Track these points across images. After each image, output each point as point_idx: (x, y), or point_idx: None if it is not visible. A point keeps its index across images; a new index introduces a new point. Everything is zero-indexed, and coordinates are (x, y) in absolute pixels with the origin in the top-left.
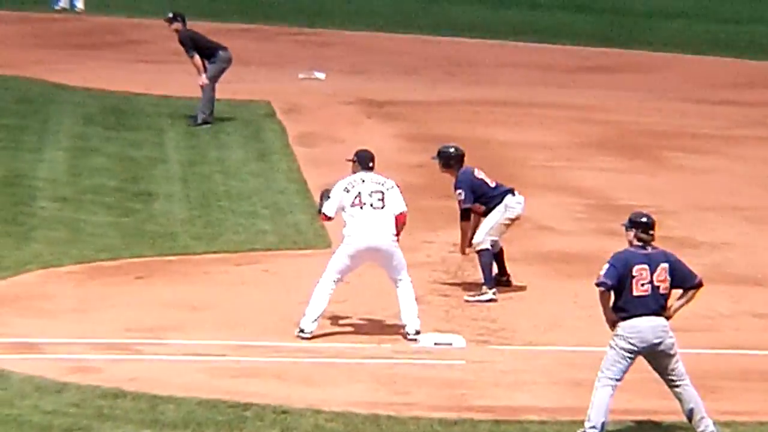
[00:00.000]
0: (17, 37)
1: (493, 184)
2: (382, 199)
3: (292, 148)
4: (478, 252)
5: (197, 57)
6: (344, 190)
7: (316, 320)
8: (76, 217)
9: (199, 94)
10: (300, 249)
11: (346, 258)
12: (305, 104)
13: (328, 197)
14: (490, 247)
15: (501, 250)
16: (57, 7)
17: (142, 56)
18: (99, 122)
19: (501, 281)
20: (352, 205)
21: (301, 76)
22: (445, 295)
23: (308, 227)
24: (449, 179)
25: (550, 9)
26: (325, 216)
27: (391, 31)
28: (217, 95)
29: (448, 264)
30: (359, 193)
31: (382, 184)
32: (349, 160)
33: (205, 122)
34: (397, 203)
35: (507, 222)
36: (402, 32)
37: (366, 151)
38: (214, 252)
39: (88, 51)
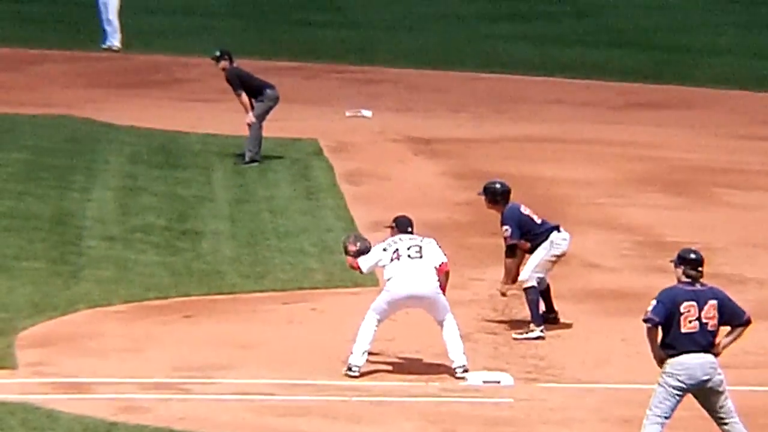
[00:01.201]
0: (65, 77)
1: (539, 221)
2: (420, 251)
3: (339, 185)
4: (525, 290)
5: (244, 95)
6: (383, 250)
7: (363, 354)
8: (124, 256)
9: (246, 132)
10: (347, 287)
11: (386, 305)
12: (352, 142)
13: (357, 241)
14: (536, 285)
15: (548, 287)
16: (104, 46)
17: (189, 95)
18: (146, 161)
19: (548, 318)
20: (391, 260)
21: (348, 113)
22: (493, 333)
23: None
24: (496, 216)
25: (597, 45)
26: (359, 268)
27: (438, 68)
28: (265, 133)
29: (495, 301)
30: (397, 249)
31: (420, 240)
32: (388, 227)
33: (252, 161)
34: (436, 255)
35: (553, 259)
36: (449, 69)
37: (405, 216)
38: (262, 291)
39: (136, 90)
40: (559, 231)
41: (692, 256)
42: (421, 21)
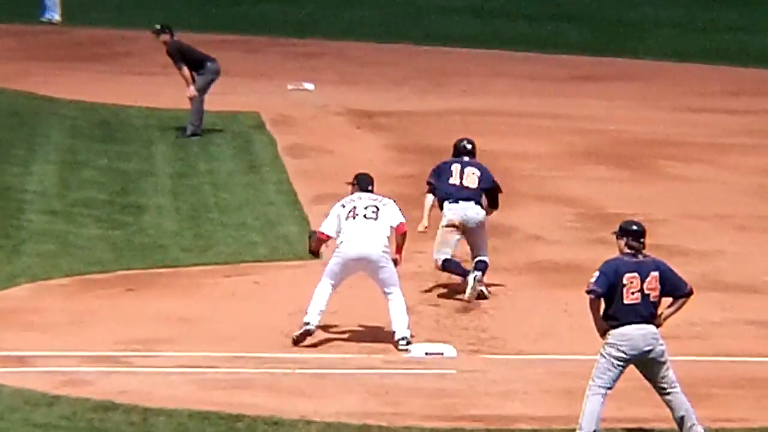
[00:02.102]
0: (4, 50)
1: (453, 181)
2: (376, 213)
3: (281, 159)
4: (440, 268)
5: (185, 69)
6: (341, 206)
7: (319, 313)
8: (65, 230)
9: (188, 106)
10: (290, 260)
11: (337, 267)
12: (294, 115)
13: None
14: (448, 257)
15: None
16: (43, 19)
17: (130, 68)
18: (88, 135)
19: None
20: (347, 218)
21: (290, 87)
22: (436, 305)
23: (298, 239)
24: None
25: (540, 19)
26: (324, 234)
27: (380, 42)
28: (206, 107)
29: (438, 274)
30: (354, 206)
31: (379, 201)
32: (349, 183)
33: (194, 134)
34: (394, 215)
35: (446, 230)
36: (391, 42)
37: (366, 174)
38: (204, 264)
39: (76, 63)
40: (450, 202)
41: (634, 227)
42: None
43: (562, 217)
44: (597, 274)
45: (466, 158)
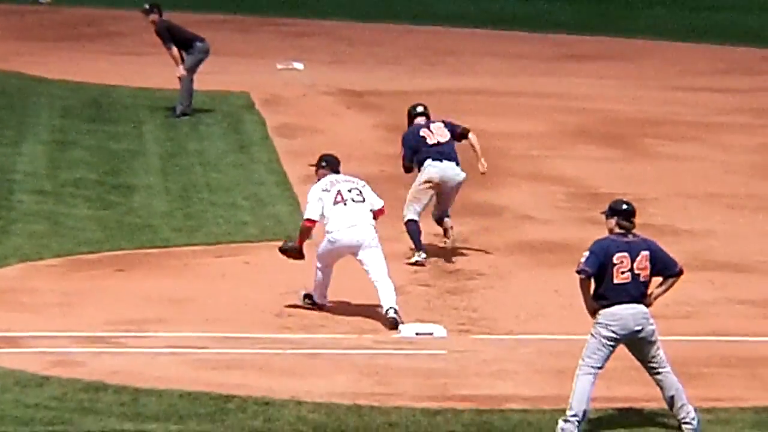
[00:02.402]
0: None
1: (431, 141)
2: (361, 194)
3: (271, 139)
4: (405, 223)
5: (174, 48)
6: (323, 191)
7: (325, 296)
8: (55, 210)
9: (177, 85)
10: (280, 240)
11: (328, 253)
12: (284, 95)
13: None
14: (415, 218)
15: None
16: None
17: (119, 48)
18: (77, 115)
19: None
20: (335, 203)
21: (279, 66)
22: (426, 285)
23: (289, 219)
24: None
25: None
26: (312, 221)
27: (370, 21)
28: (196, 87)
29: (428, 253)
30: (339, 190)
31: (356, 182)
32: (314, 165)
33: (183, 114)
34: (375, 199)
35: (422, 187)
36: (381, 21)
37: (332, 155)
38: (195, 244)
39: (66, 43)
40: (433, 159)
41: (624, 207)
42: None
43: (553, 197)
44: (587, 254)
45: (423, 120)
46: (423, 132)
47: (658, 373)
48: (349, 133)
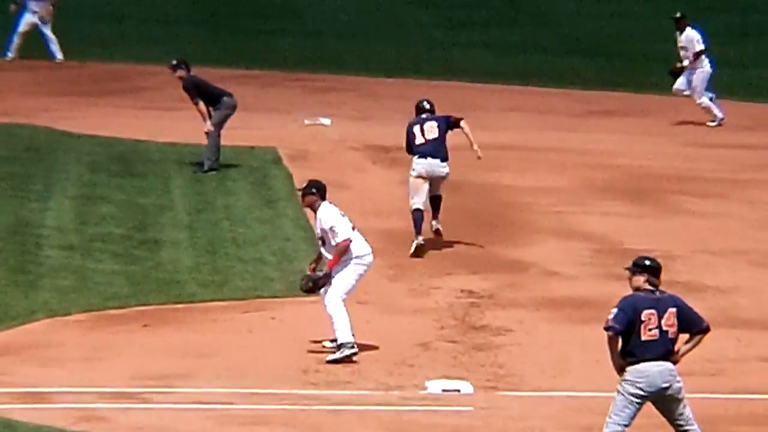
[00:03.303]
0: (23, 85)
1: (419, 141)
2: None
3: (298, 194)
4: (411, 212)
5: (202, 104)
6: (341, 214)
7: (351, 332)
8: (83, 265)
9: (204, 140)
10: (306, 296)
11: (359, 278)
12: (311, 150)
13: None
14: (420, 207)
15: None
16: (7, 57)
17: (147, 103)
18: (106, 170)
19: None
20: (353, 228)
21: (306, 122)
22: (453, 341)
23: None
24: (454, 224)
25: (556, 53)
26: (349, 239)
27: (396, 76)
28: (223, 142)
29: (455, 310)
30: (346, 216)
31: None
32: (305, 191)
33: (211, 169)
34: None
35: (418, 180)
36: (407, 77)
37: (320, 181)
38: (221, 299)
39: (94, 98)
40: (418, 157)
41: (652, 263)
42: (378, 29)
43: (579, 253)
44: (615, 310)
45: (425, 115)
46: (415, 129)
47: (685, 431)
48: (376, 188)
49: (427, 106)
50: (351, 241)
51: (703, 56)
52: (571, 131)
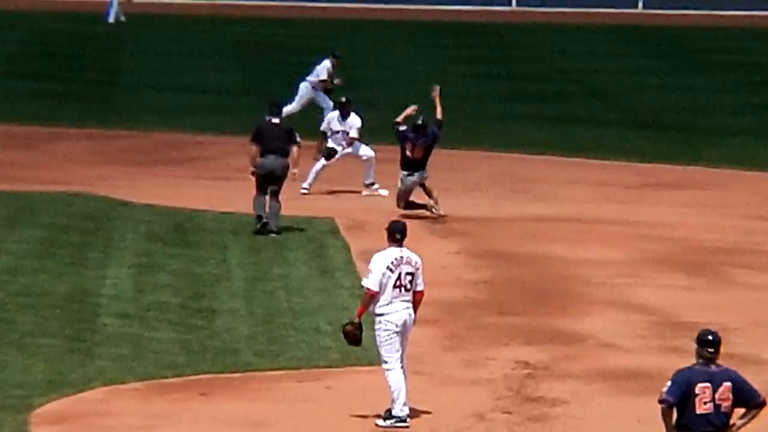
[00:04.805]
0: (81, 154)
1: (408, 154)
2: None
3: (355, 264)
4: (404, 209)
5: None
6: (385, 267)
7: (405, 403)
8: (139, 333)
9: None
10: (363, 366)
11: (387, 340)
12: (368, 221)
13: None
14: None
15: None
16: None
17: (204, 172)
18: (162, 239)
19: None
20: (395, 286)
21: (364, 192)
22: (508, 413)
23: (371, 344)
24: (511, 295)
25: (613, 126)
26: (372, 291)
27: (453, 148)
28: (282, 212)
29: (510, 381)
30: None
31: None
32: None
33: (272, 232)
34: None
35: (404, 187)
36: (465, 148)
37: (400, 222)
38: (277, 369)
39: (151, 167)
40: (405, 170)
41: (707, 337)
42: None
43: (635, 325)
44: (669, 383)
45: (413, 135)
46: (406, 145)
47: None
48: (432, 258)
49: (419, 123)
50: (374, 293)
51: None
52: (627, 203)
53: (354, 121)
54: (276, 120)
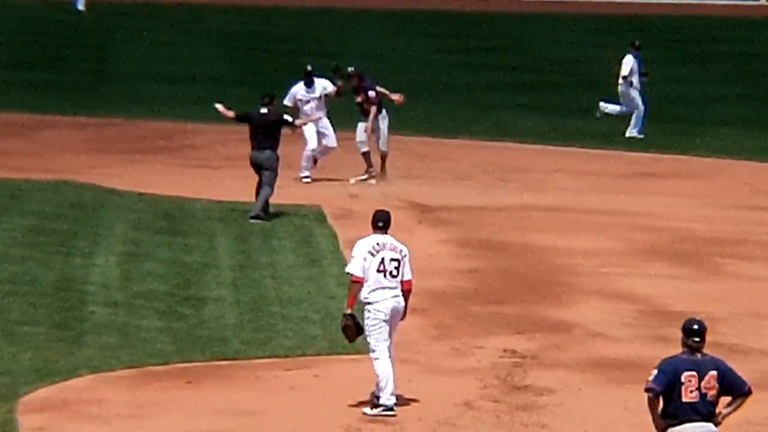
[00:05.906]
0: (70, 143)
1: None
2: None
3: (342, 253)
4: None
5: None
6: (367, 252)
7: (393, 393)
8: (126, 321)
9: (249, 198)
10: (350, 354)
11: (375, 328)
12: (356, 209)
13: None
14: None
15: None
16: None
17: (193, 161)
18: (151, 227)
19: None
20: (378, 270)
21: (352, 180)
22: (495, 401)
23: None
24: (499, 285)
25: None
26: (353, 276)
27: (443, 137)
28: (270, 200)
29: (498, 370)
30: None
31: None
32: None
33: (257, 217)
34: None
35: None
36: (454, 137)
37: (384, 212)
38: (265, 357)
39: (140, 156)
40: None
41: (692, 326)
42: (426, 90)
43: (624, 314)
44: (655, 372)
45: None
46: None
47: None
48: (420, 247)
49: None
50: (357, 279)
51: None
52: (616, 193)
53: (322, 84)
54: (264, 110)
